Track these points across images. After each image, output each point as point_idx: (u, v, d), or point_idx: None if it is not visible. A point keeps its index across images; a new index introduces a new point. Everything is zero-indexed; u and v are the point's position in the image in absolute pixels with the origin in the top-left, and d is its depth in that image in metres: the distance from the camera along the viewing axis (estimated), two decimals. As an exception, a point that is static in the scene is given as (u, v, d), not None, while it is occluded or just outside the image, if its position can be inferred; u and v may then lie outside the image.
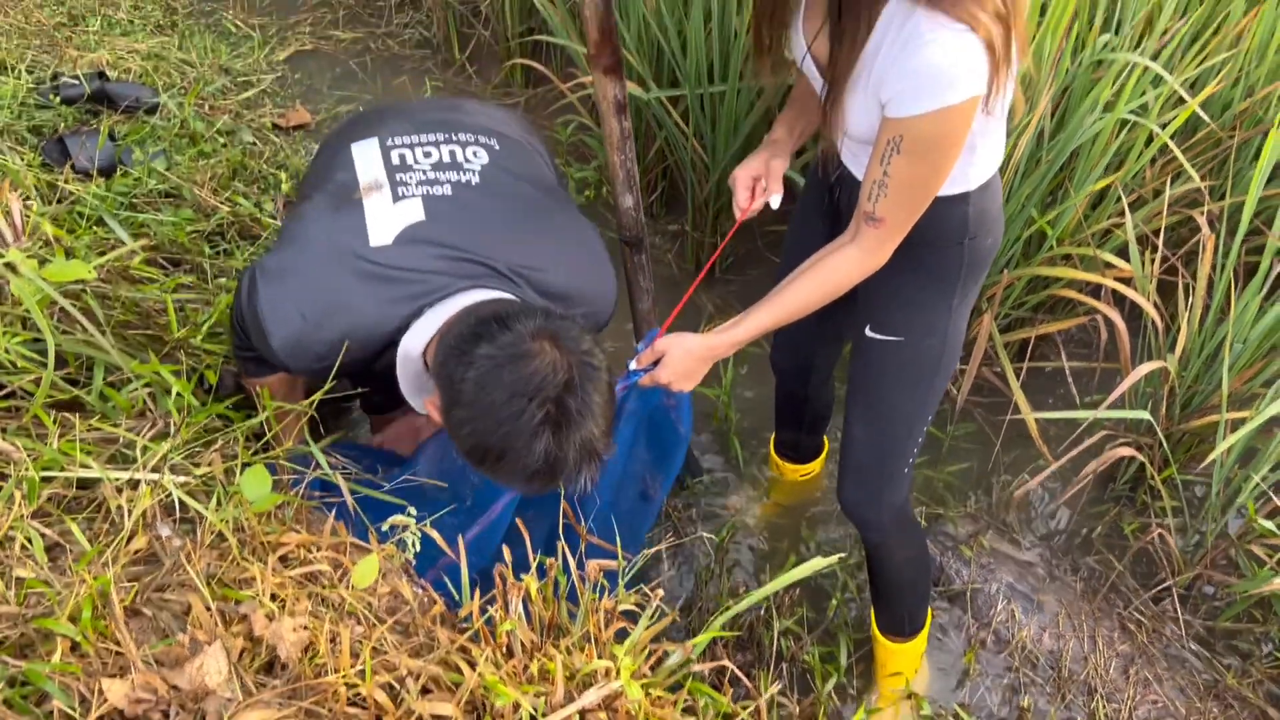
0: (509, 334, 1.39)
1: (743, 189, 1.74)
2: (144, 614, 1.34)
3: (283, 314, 1.54)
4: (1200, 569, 2.32)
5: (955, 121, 1.33)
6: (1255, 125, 2.45)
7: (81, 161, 2.50)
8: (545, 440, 1.37)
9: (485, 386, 1.37)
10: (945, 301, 1.67)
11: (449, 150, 1.72)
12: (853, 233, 1.55)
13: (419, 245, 1.57)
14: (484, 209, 1.65)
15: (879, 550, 1.98)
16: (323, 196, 1.66)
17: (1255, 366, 2.22)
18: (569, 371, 1.39)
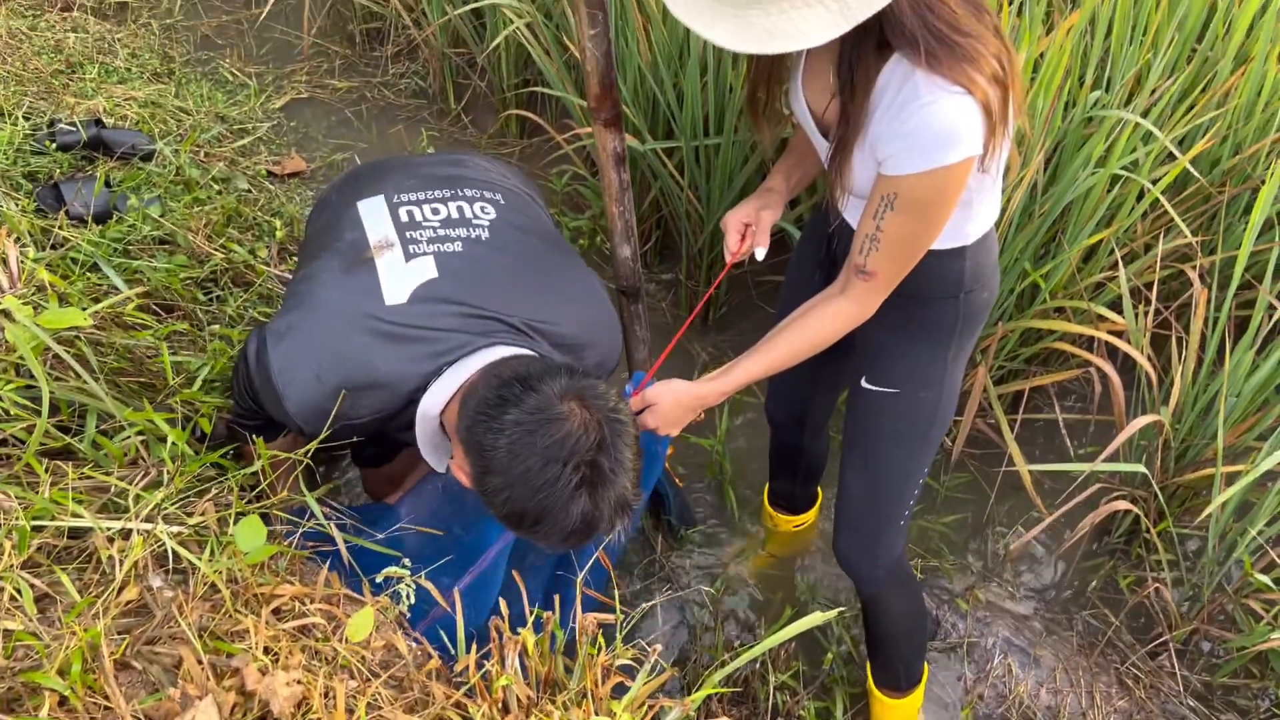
0: (536, 396, 1.39)
1: (734, 233, 1.74)
2: (134, 667, 1.32)
3: (298, 377, 1.52)
4: (1197, 624, 2.30)
5: (950, 181, 1.35)
6: (1244, 181, 2.48)
7: (76, 207, 2.49)
8: (583, 502, 1.38)
9: (518, 454, 1.36)
10: (941, 354, 1.68)
11: (457, 206, 1.72)
12: (842, 284, 1.56)
13: (435, 304, 1.56)
14: (495, 264, 1.65)
15: (874, 603, 1.96)
16: (332, 256, 1.64)
17: (1249, 420, 2.23)
18: (599, 431, 1.39)
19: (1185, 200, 2.51)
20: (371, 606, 1.41)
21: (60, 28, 3.72)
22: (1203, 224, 2.59)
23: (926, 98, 1.28)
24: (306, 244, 1.83)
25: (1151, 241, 2.54)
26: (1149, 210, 2.46)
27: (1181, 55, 2.47)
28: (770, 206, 1.75)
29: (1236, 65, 2.45)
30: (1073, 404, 2.86)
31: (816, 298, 1.61)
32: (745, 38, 1.18)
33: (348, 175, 1.92)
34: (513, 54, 3.49)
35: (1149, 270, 2.48)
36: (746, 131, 2.64)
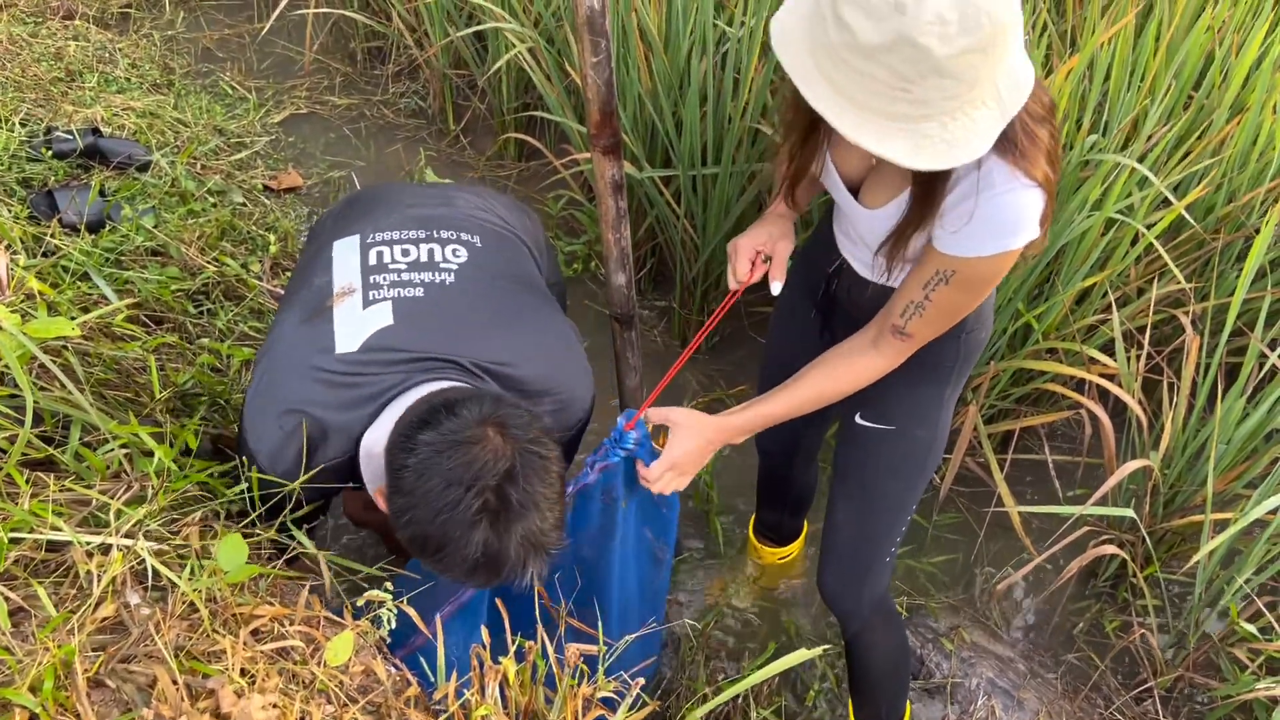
0: (454, 420, 1.36)
1: (744, 259, 1.71)
2: (107, 685, 1.29)
3: (265, 430, 1.54)
4: (1182, 670, 2.29)
5: (1008, 262, 1.37)
6: (1237, 229, 2.49)
7: (69, 216, 2.48)
8: (483, 531, 1.33)
9: (423, 474, 1.33)
10: (939, 392, 1.68)
11: (428, 249, 1.71)
12: (873, 338, 1.56)
13: (383, 351, 1.56)
14: (454, 309, 1.64)
15: (858, 640, 1.95)
16: (295, 306, 1.66)
17: (1238, 468, 2.23)
18: (511, 460, 1.35)
19: (1179, 246, 2.52)
20: (351, 630, 1.39)
21: (61, 35, 3.72)
22: (1195, 270, 2.60)
23: (1002, 188, 1.29)
24: (292, 278, 1.83)
25: (1144, 286, 2.55)
26: (1142, 255, 2.47)
27: (1178, 102, 2.48)
28: (786, 236, 1.72)
29: (1232, 114, 2.47)
30: (1061, 445, 2.86)
31: (845, 346, 1.61)
32: (926, 153, 1.16)
33: (346, 202, 1.91)
34: (513, 78, 3.50)
35: (1141, 314, 2.48)
36: (744, 162, 2.65)
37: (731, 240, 1.73)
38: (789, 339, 1.73)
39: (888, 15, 1.07)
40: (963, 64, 1.10)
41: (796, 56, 1.19)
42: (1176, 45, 2.46)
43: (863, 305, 1.66)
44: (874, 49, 1.09)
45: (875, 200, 1.48)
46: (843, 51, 1.12)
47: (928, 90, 1.11)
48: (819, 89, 1.17)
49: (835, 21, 1.12)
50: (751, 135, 2.65)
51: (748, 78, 2.54)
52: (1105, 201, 2.19)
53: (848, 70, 1.13)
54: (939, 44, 1.07)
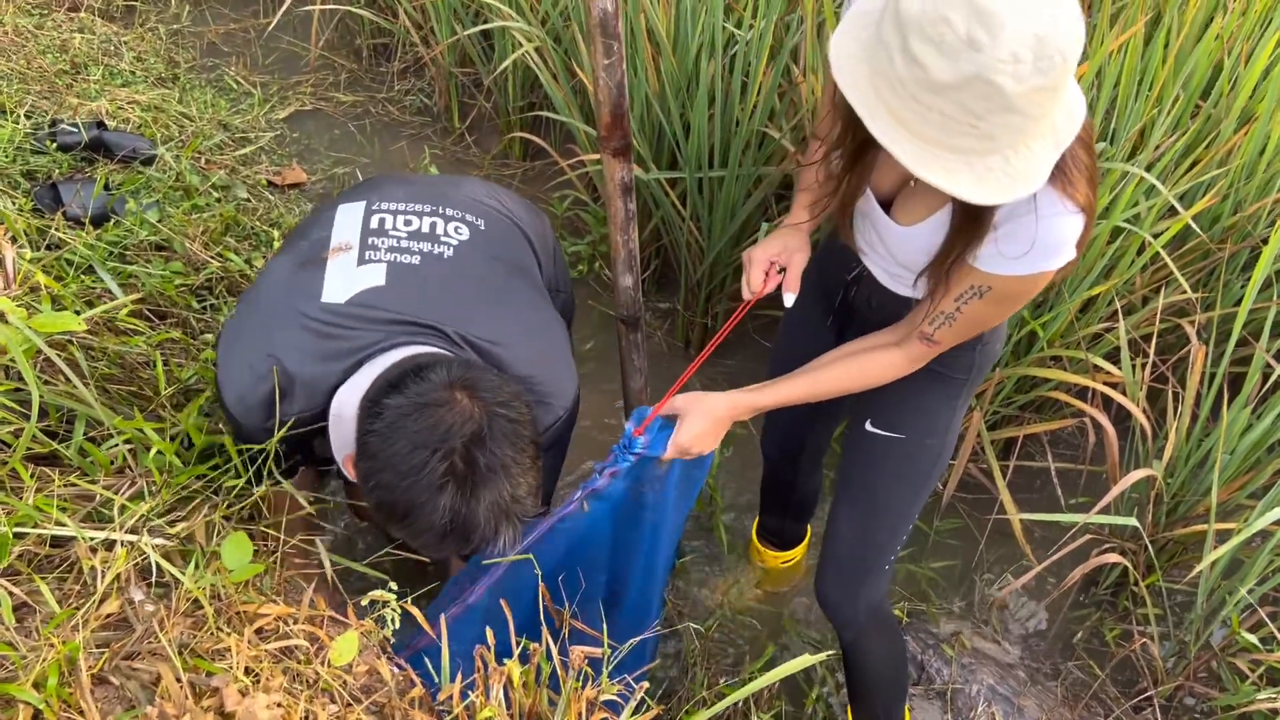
0: (422, 384, 1.34)
1: (759, 270, 1.69)
2: (111, 682, 1.29)
3: (233, 370, 1.52)
4: (1183, 680, 2.29)
5: (1043, 281, 1.38)
6: (1244, 239, 2.49)
7: (73, 209, 2.47)
8: (450, 496, 1.31)
9: (389, 438, 1.31)
10: (951, 402, 1.68)
11: (430, 222, 1.70)
12: (899, 338, 1.57)
13: (369, 309, 1.54)
14: (448, 282, 1.63)
15: (855, 647, 1.94)
16: (291, 254, 1.65)
17: (1241, 479, 2.23)
18: (479, 422, 1.33)
19: (1184, 255, 2.52)
20: (356, 630, 1.39)
21: (66, 27, 3.71)
22: (1200, 279, 2.60)
23: (1047, 211, 1.28)
24: (291, 232, 1.82)
25: (1149, 295, 2.55)
26: (1148, 263, 2.47)
27: (1186, 111, 2.48)
28: (802, 248, 1.70)
29: (1240, 124, 2.47)
30: (1063, 452, 2.86)
31: (869, 341, 1.62)
32: (989, 187, 1.15)
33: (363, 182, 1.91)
34: (520, 77, 3.49)
35: (1146, 323, 2.48)
36: (751, 165, 2.64)
37: (747, 250, 1.72)
38: (800, 343, 1.72)
39: (961, 52, 1.06)
40: (1033, 101, 1.09)
41: (857, 84, 1.17)
42: (1185, 54, 2.46)
43: (883, 313, 1.66)
44: (944, 86, 1.08)
45: (909, 217, 1.48)
46: (911, 86, 1.11)
47: (995, 126, 1.11)
48: (882, 121, 1.16)
49: (903, 54, 1.10)
50: (759, 138, 2.65)
51: (756, 81, 2.53)
52: (1112, 210, 2.19)
53: (913, 105, 1.12)
54: (1012, 82, 1.06)
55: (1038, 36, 1.05)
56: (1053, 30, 1.06)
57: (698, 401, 1.62)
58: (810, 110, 2.54)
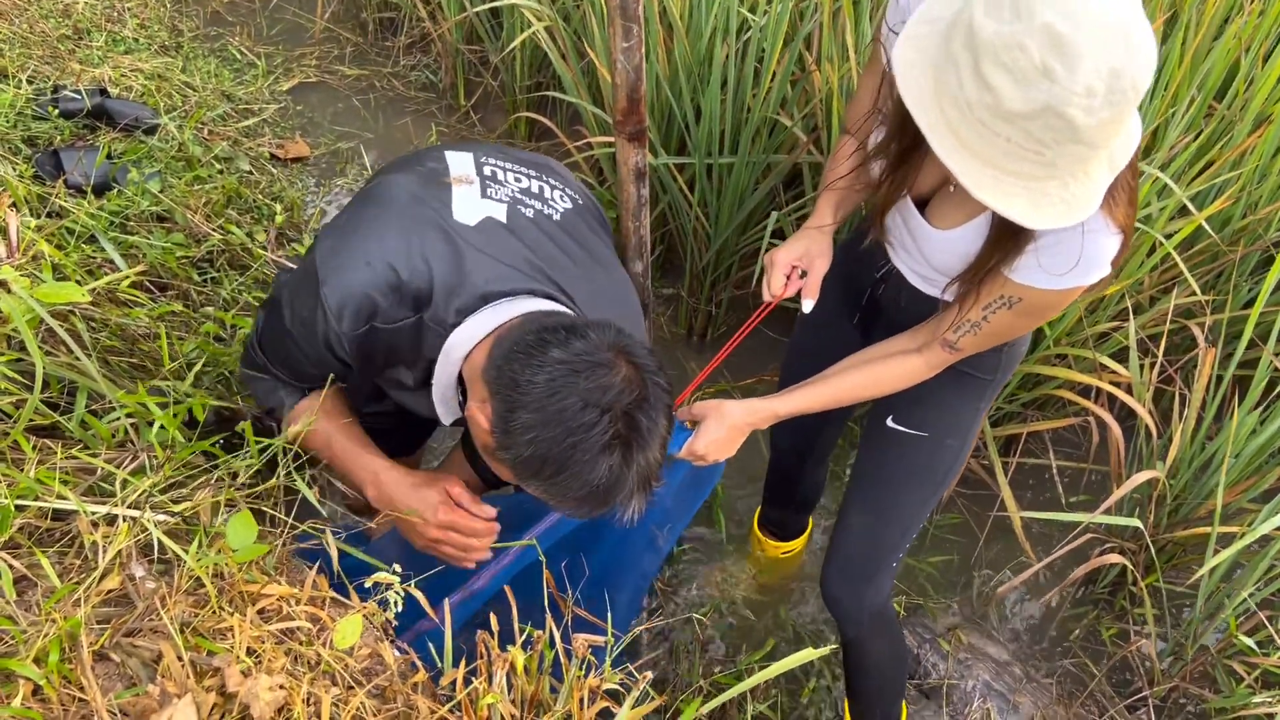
0: (582, 342, 1.32)
1: (781, 273, 1.66)
2: (112, 659, 1.27)
3: (344, 261, 1.44)
4: (1178, 681, 2.29)
5: (1073, 296, 1.37)
6: (1255, 242, 2.48)
7: (75, 177, 2.44)
8: (615, 457, 1.29)
9: (557, 391, 1.28)
10: (974, 403, 1.67)
11: (538, 184, 1.65)
12: (920, 343, 1.57)
13: (501, 234, 1.50)
14: (559, 242, 1.59)
15: (857, 644, 1.94)
16: (407, 172, 1.56)
17: (1246, 482, 2.23)
18: (642, 388, 1.32)
19: (1193, 257, 2.51)
20: (359, 613, 1.37)
21: (69, -8, 3.66)
22: (1209, 281, 2.59)
23: (1088, 226, 1.27)
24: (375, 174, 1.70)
25: (1158, 295, 2.54)
26: (1158, 264, 2.46)
27: (1200, 113, 2.47)
28: (824, 255, 1.67)
29: (1255, 126, 2.45)
30: (1064, 450, 2.85)
31: (888, 347, 1.61)
32: (1045, 212, 1.14)
33: None
34: (528, 56, 3.46)
35: (1154, 324, 2.47)
36: (761, 153, 2.62)
37: (769, 252, 1.69)
38: (822, 341, 1.70)
39: (1035, 82, 1.05)
40: (1100, 133, 1.08)
41: (922, 100, 1.15)
42: (1202, 54, 2.44)
43: (911, 311, 1.64)
44: (1014, 114, 1.07)
45: (945, 221, 1.46)
46: (978, 110, 1.10)
47: (1059, 155, 1.10)
48: (944, 139, 1.14)
49: (975, 78, 1.09)
50: (770, 126, 2.63)
51: (769, 67, 2.51)
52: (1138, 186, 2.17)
53: (979, 128, 1.11)
54: (1083, 115, 1.05)
55: (1113, 70, 1.04)
56: (1128, 63, 1.05)
57: (716, 409, 1.61)
58: (823, 99, 2.52)
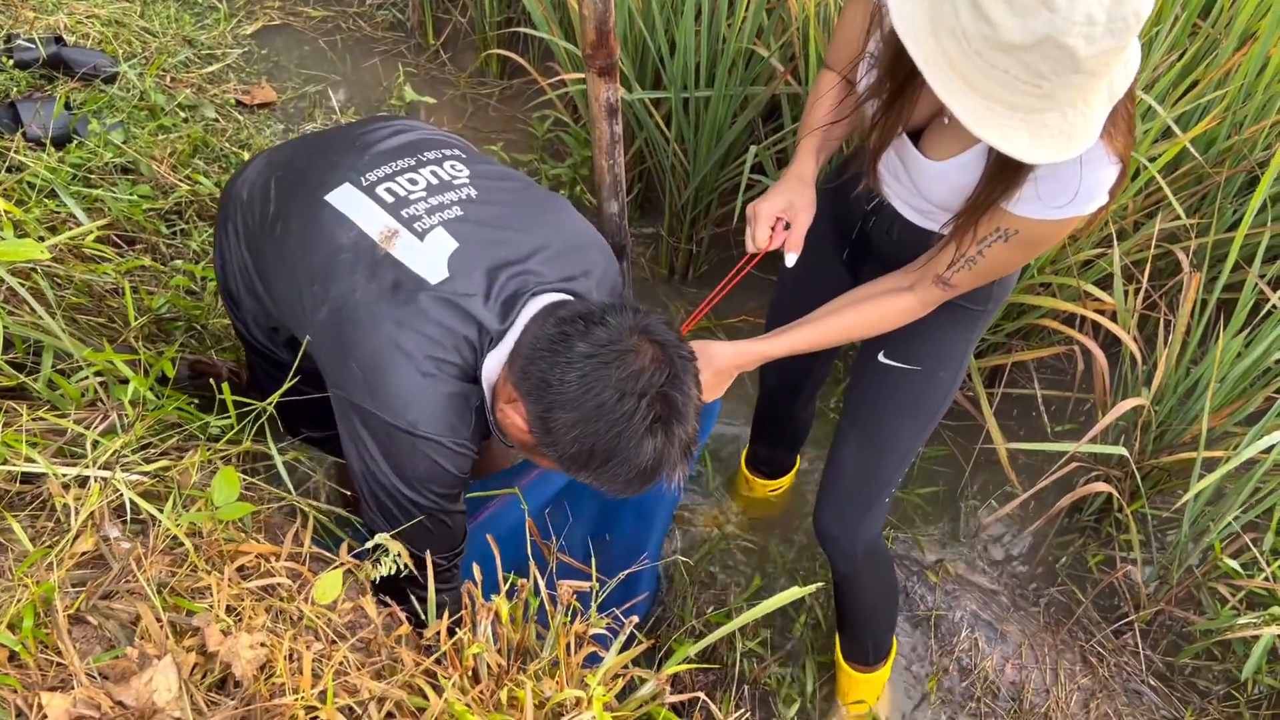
0: (603, 330, 1.33)
1: (765, 225, 1.61)
2: (89, 622, 1.26)
3: (400, 393, 1.38)
4: (1163, 604, 2.31)
5: (1070, 227, 1.35)
6: (1239, 163, 2.45)
7: (34, 130, 2.37)
8: (658, 438, 1.32)
9: (591, 387, 1.30)
10: (967, 335, 1.66)
11: (430, 171, 1.58)
12: (913, 281, 1.54)
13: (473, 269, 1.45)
14: (497, 218, 1.54)
15: (850, 580, 1.94)
16: (349, 276, 1.44)
17: (1231, 406, 2.22)
18: (671, 365, 1.34)
19: (1178, 180, 2.47)
20: (340, 568, 1.35)
21: (19, -64, 3.53)
22: (1193, 205, 2.56)
23: (1087, 156, 1.24)
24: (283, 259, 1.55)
25: (1142, 220, 2.51)
26: (1142, 188, 2.43)
27: (1184, 32, 2.42)
28: (808, 207, 1.62)
29: (1240, 44, 2.41)
30: (1049, 379, 2.85)
31: (880, 285, 1.59)
32: (1045, 145, 1.12)
33: (281, 159, 1.68)
34: (497, -10, 3.37)
35: (1138, 249, 2.45)
36: (738, 85, 2.56)
37: (751, 204, 1.64)
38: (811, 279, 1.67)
39: (1035, 11, 1.02)
40: (1101, 62, 1.06)
41: (918, 35, 1.12)
42: (1185, -30, 2.39)
43: (902, 245, 1.61)
44: (1013, 46, 1.05)
45: (939, 151, 1.43)
46: (976, 42, 1.07)
47: (1059, 86, 1.08)
48: (941, 74, 1.12)
49: (971, 9, 1.06)
50: (746, 57, 2.56)
51: (744, -4, 2.45)
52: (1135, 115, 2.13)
53: (976, 60, 1.08)
54: (1084, 44, 1.03)
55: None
56: None
57: (704, 350, 1.58)
58: (800, 26, 2.45)
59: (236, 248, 1.64)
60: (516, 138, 3.45)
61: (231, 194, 1.67)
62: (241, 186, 1.65)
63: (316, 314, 1.46)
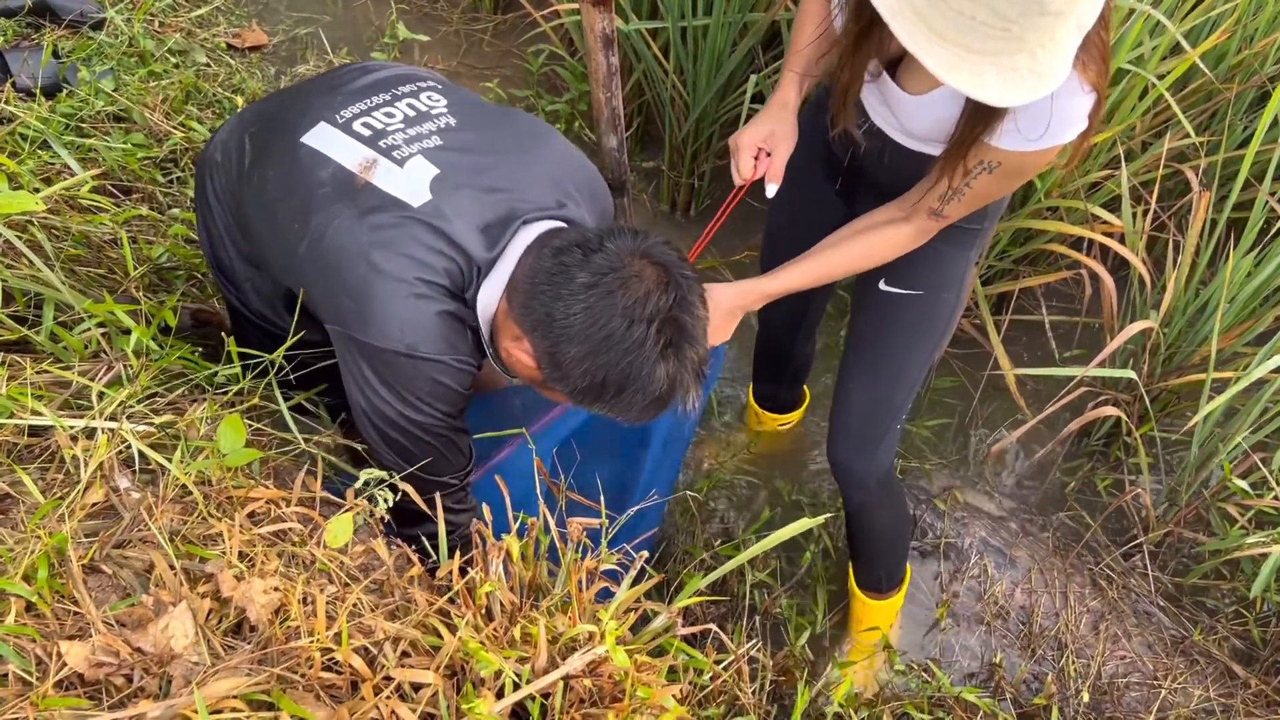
0: (603, 257, 1.29)
1: (747, 156, 1.60)
2: (103, 571, 1.26)
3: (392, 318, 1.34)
4: (1172, 526, 2.32)
5: (1051, 156, 1.35)
6: (1250, 78, 2.40)
7: (23, 80, 2.34)
8: (670, 363, 1.30)
9: (598, 318, 1.27)
10: (965, 253, 1.66)
11: (406, 104, 1.54)
12: (907, 213, 1.54)
13: (458, 190, 1.41)
14: (480, 144, 1.50)
15: (863, 510, 1.95)
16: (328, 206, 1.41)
17: (1241, 326, 2.20)
18: (676, 287, 1.30)
19: (1187, 97, 2.43)
20: (350, 511, 1.36)
21: (-2, -120, 3.44)
22: (1202, 123, 2.52)
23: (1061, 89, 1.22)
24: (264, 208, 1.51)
25: (1150, 140, 2.47)
26: (1150, 107, 2.38)
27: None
28: (788, 137, 1.61)
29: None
30: (1058, 304, 2.83)
31: (876, 218, 1.58)
32: (1018, 88, 1.11)
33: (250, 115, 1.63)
34: (488, -78, 3.29)
35: (1146, 170, 2.41)
36: (736, 13, 2.51)
37: (733, 135, 1.63)
38: (802, 209, 1.65)
39: None
40: (1067, 3, 1.05)
41: None
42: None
43: (895, 170, 1.59)
44: None
45: (918, 85, 1.42)
46: None
47: (1027, 29, 1.07)
48: (907, 23, 1.10)
49: None
50: (744, -17, 2.51)
51: (741, -80, 2.38)
52: (1117, 52, 2.09)
53: (942, 8, 1.07)
54: None
55: None
56: None
57: (708, 293, 1.57)
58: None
59: (219, 211, 1.61)
60: (512, 73, 3.39)
61: (205, 159, 1.62)
62: (214, 149, 1.61)
63: (298, 250, 1.43)
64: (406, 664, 1.26)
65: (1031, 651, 2.21)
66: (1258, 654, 2.23)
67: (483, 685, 1.26)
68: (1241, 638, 2.27)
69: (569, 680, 1.30)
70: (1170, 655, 2.22)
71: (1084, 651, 2.20)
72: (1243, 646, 2.26)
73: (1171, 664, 2.20)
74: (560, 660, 1.30)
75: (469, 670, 1.28)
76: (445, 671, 1.26)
